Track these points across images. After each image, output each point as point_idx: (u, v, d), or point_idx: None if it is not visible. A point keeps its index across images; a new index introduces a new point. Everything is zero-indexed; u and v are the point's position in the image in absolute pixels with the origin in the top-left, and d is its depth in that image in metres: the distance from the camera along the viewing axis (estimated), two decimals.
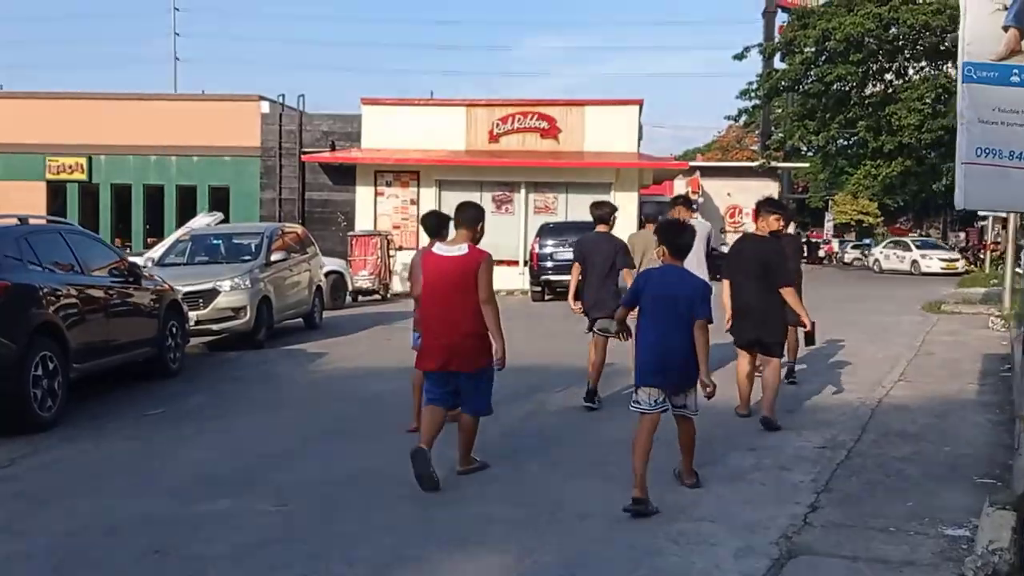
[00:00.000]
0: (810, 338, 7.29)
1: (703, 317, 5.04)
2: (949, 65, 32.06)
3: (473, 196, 25.57)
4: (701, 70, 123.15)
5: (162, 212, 26.42)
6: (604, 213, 7.93)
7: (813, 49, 31.05)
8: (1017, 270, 24.40)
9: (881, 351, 10.93)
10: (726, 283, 7.18)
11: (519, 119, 25.32)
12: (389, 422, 7.21)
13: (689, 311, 5.04)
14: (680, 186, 40.49)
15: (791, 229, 11.47)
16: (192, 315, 11.12)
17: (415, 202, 24.94)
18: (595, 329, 7.68)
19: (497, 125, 25.38)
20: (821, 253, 43.01)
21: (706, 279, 7.11)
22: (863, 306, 17.26)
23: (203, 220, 19.29)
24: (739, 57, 34.33)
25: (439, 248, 5.62)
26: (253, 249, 13.21)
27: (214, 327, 11.89)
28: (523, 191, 25.14)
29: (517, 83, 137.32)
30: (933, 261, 33.53)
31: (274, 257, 13.20)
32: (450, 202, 17.34)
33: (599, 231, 7.92)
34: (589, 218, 8.20)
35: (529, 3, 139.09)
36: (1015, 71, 6.03)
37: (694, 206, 11.04)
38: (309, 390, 9.54)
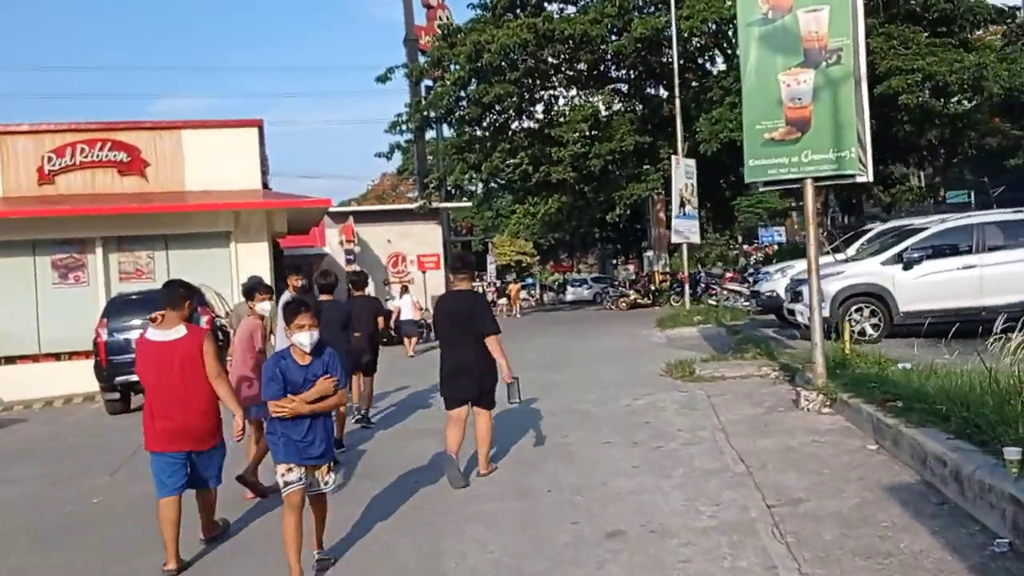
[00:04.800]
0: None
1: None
2: (598, 97, 29.96)
3: (24, 263, 17.86)
4: (356, 117, 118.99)
5: None
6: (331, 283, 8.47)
7: (466, 68, 27.05)
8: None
9: (682, 505, 5.74)
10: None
11: (84, 150, 17.94)
12: None
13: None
14: (333, 235, 34.86)
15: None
16: None
17: None
18: None
19: (50, 159, 17.75)
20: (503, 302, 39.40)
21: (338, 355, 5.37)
22: (577, 374, 12.58)
23: None
24: (382, 79, 29.49)
25: (153, 334, 5.43)
26: None
27: None
28: (99, 251, 17.76)
29: None
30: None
31: None
32: None
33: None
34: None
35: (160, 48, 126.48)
36: None
37: (302, 275, 8.62)
38: None
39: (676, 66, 23.97)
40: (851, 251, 15.66)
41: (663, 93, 31.22)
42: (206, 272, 17.51)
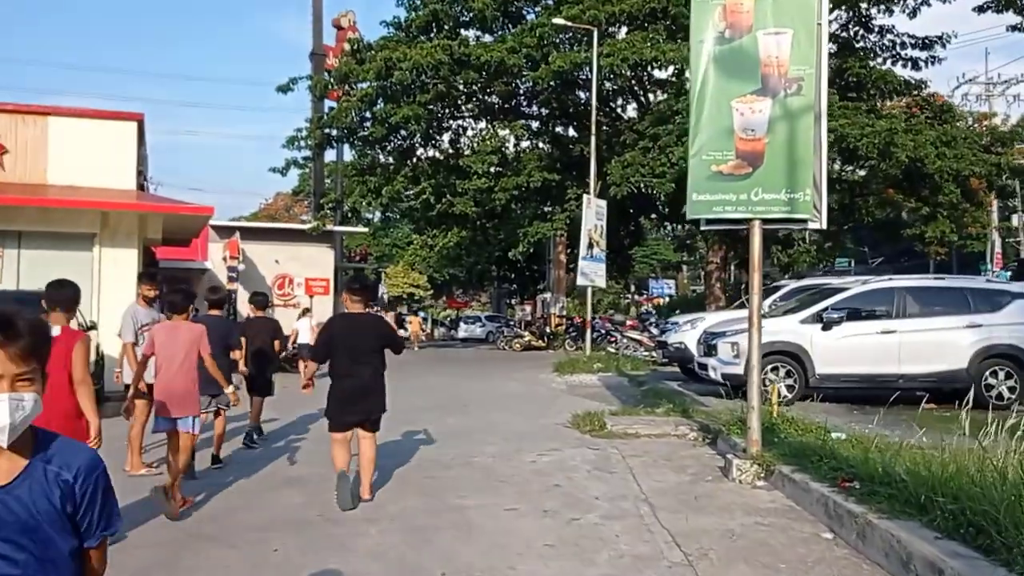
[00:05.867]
0: None
1: None
2: (506, 131, 29.21)
3: None
4: (253, 133, 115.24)
5: None
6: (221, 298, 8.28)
7: (374, 85, 25.82)
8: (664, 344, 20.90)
9: None
10: (313, 365, 7.03)
11: None
12: None
13: None
14: (217, 250, 32.68)
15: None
16: None
17: None
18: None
19: None
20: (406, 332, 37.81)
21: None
22: (475, 420, 11.42)
23: None
24: (284, 89, 27.83)
25: None
26: None
27: None
28: None
29: None
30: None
31: None
32: None
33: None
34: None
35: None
36: None
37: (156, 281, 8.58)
38: None
39: (595, 98, 23.34)
40: (763, 307, 15.06)
41: (573, 134, 30.76)
42: (64, 276, 15.57)
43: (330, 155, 39.02)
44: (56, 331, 5.06)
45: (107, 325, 16.17)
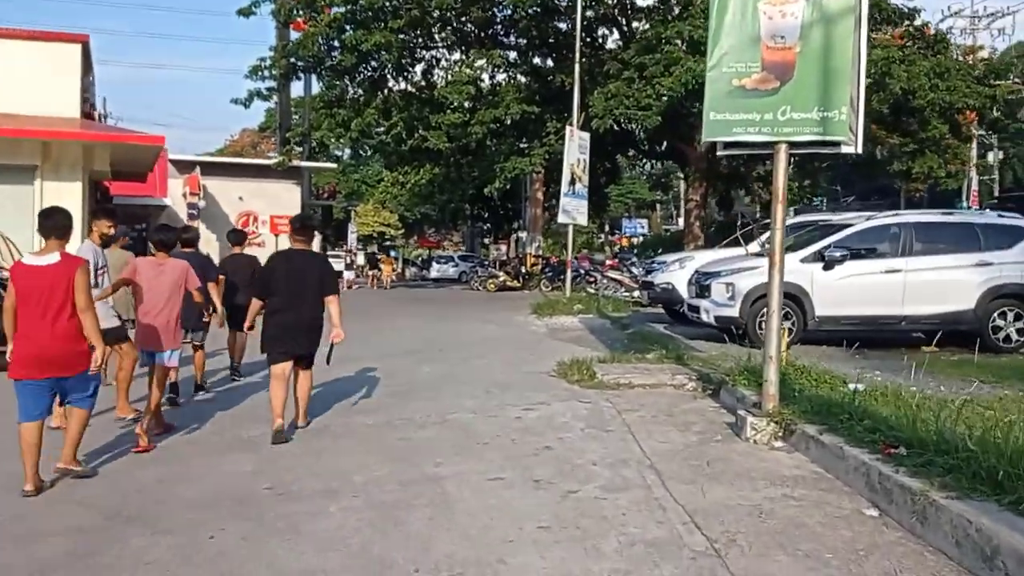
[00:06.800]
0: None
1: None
2: (483, 61, 27.71)
3: None
4: (224, 65, 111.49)
5: None
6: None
7: (344, 8, 24.26)
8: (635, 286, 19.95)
9: None
10: (258, 302, 7.00)
11: None
12: None
13: None
14: (177, 186, 31.23)
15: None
16: None
17: None
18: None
19: None
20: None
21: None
22: (452, 368, 10.59)
23: None
24: (245, 13, 26.02)
25: (29, 259, 5.53)
26: None
27: None
28: None
29: None
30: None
31: None
32: None
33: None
34: None
35: None
36: None
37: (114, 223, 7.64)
38: None
39: (579, 17, 21.96)
40: (753, 247, 14.21)
41: (551, 65, 29.37)
42: (2, 212, 14.44)
43: (297, 89, 37.41)
44: (55, 258, 5.37)
45: None
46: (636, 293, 20.29)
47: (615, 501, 4.91)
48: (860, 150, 6.54)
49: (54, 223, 5.51)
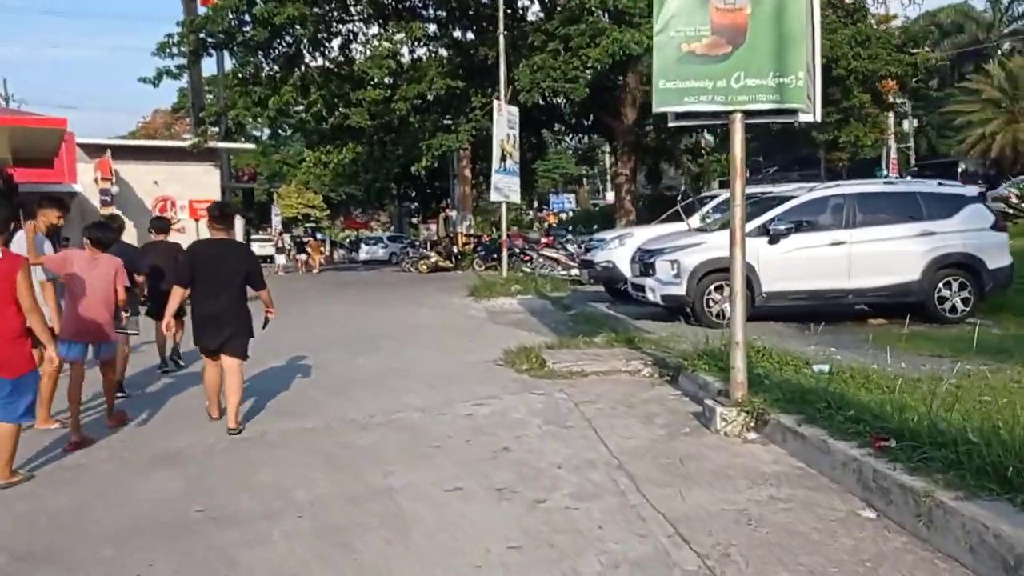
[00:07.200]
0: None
1: None
2: (402, 35, 26.87)
3: None
4: (132, 43, 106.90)
5: None
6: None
7: None
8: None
9: None
10: (180, 291, 6.84)
11: None
12: None
13: None
14: (87, 171, 29.63)
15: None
16: None
17: None
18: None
19: None
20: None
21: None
22: (391, 359, 10.08)
23: None
24: None
25: None
26: None
27: None
28: None
29: None
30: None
31: None
32: None
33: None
34: None
35: None
36: None
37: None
38: None
39: None
40: (694, 221, 13.95)
41: (472, 39, 28.69)
42: None
43: (210, 66, 35.83)
44: None
45: None
46: (574, 272, 19.98)
47: (588, 511, 4.48)
48: (819, 118, 6.20)
49: None
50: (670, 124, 6.38)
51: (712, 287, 11.08)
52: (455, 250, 31.29)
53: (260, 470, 5.52)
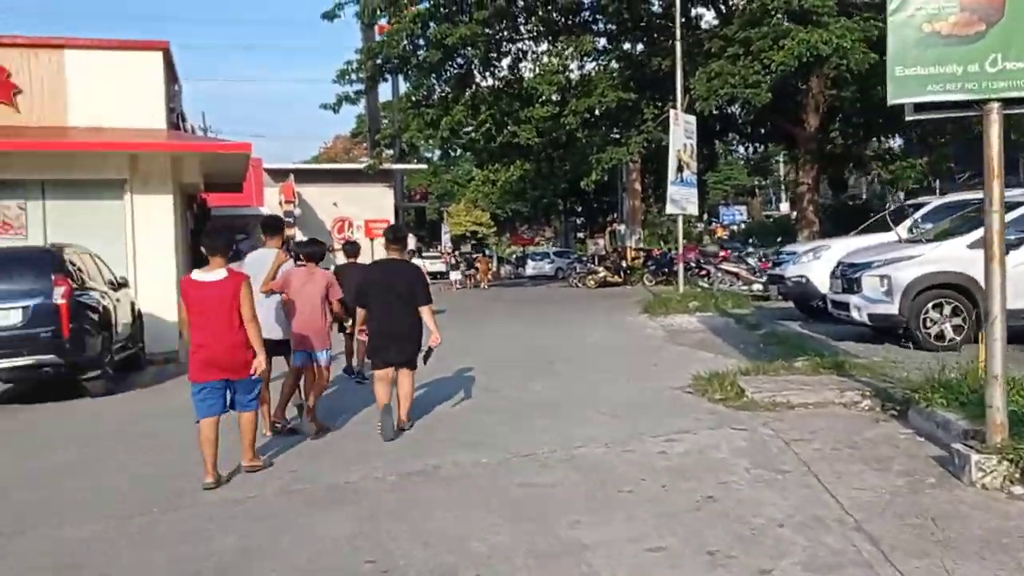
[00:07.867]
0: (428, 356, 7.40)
1: None
2: (571, 49, 26.38)
3: None
4: (316, 75, 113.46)
5: None
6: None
7: (426, 3, 23.42)
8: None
9: None
10: (361, 311, 7.41)
11: None
12: None
13: None
14: (272, 195, 31.16)
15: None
16: None
17: None
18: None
19: None
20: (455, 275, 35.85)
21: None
22: (566, 385, 9.46)
23: None
24: (330, 16, 25.50)
25: (197, 275, 6.00)
26: None
27: None
28: None
29: None
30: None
31: None
32: None
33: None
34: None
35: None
36: None
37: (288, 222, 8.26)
38: None
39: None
40: (901, 231, 12.50)
41: (643, 50, 27.89)
42: (94, 229, 13.93)
43: (386, 92, 36.93)
44: (222, 274, 5.87)
45: (143, 280, 14.53)
46: (756, 287, 18.70)
47: None
48: None
49: (217, 244, 6.02)
50: (907, 117, 5.37)
51: (930, 305, 9.75)
52: (624, 265, 30.42)
53: (433, 514, 4.97)
